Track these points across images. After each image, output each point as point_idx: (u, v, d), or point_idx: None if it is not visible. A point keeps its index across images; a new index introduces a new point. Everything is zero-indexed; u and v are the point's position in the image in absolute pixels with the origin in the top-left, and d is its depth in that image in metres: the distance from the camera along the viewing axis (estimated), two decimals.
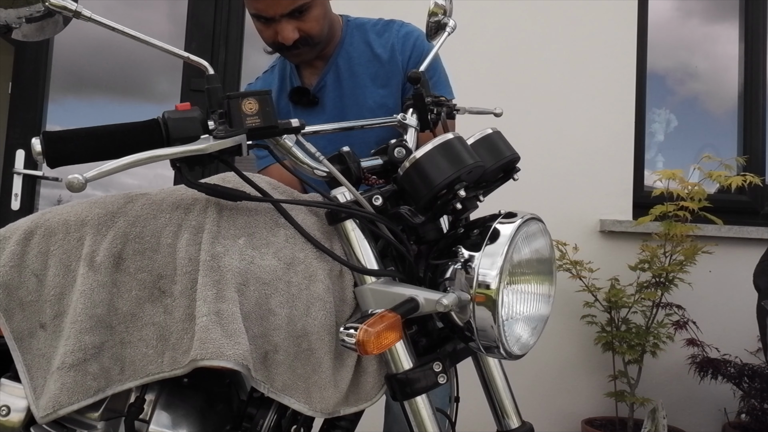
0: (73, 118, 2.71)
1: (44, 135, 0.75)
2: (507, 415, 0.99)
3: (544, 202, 2.58)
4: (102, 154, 0.77)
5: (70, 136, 0.76)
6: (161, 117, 0.79)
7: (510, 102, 2.64)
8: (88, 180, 0.70)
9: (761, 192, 2.93)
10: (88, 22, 0.81)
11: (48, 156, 0.75)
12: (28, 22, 0.88)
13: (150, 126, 0.78)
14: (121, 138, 0.77)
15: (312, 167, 0.90)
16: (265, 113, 0.83)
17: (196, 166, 0.81)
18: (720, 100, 3.12)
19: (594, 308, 2.49)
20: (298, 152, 0.89)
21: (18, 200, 2.49)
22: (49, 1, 0.79)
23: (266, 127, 0.83)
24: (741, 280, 2.38)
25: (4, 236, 0.93)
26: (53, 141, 0.75)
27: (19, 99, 2.55)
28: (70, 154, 0.76)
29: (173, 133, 0.78)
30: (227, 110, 0.81)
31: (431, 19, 1.18)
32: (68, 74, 2.67)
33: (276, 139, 0.88)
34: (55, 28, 0.92)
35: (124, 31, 0.82)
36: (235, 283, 0.83)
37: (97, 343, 0.85)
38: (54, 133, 0.76)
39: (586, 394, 2.65)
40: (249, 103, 0.82)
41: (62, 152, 0.76)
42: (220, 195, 0.86)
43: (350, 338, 0.77)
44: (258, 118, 0.82)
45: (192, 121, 0.79)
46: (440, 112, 1.11)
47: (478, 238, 0.84)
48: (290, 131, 0.87)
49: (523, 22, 2.72)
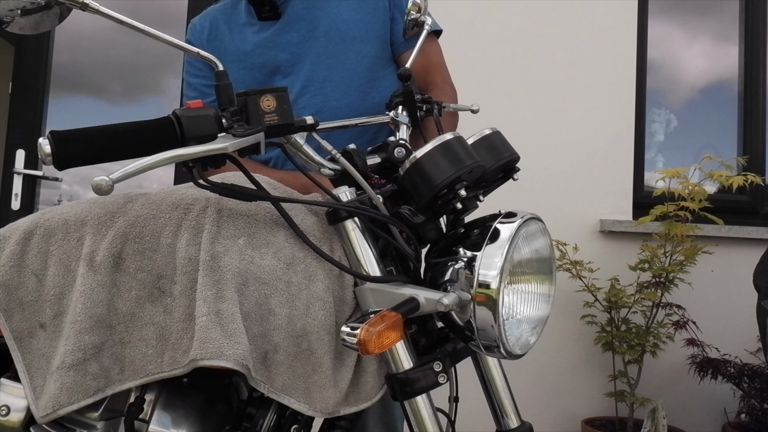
0: (73, 117, 2.71)
1: (53, 135, 0.72)
2: (506, 415, 0.99)
3: (544, 202, 2.58)
4: (113, 155, 0.73)
5: (79, 135, 0.73)
6: (173, 115, 0.76)
7: (510, 102, 2.65)
8: (115, 181, 0.68)
9: (761, 192, 2.93)
10: (95, 14, 0.79)
11: (58, 157, 0.72)
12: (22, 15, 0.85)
13: (162, 124, 0.75)
14: (132, 137, 0.74)
15: (321, 165, 0.90)
16: (282, 110, 0.81)
17: (209, 166, 0.78)
18: (720, 100, 3.12)
19: (594, 308, 2.49)
20: (308, 150, 0.89)
21: (18, 200, 2.49)
22: None
23: (284, 125, 0.82)
24: (741, 280, 2.38)
25: (4, 236, 0.93)
26: (62, 141, 0.72)
27: (19, 99, 2.55)
28: (80, 155, 0.73)
29: (188, 132, 0.75)
30: (245, 107, 0.80)
31: (408, 17, 1.18)
32: (68, 74, 2.67)
33: (287, 137, 0.87)
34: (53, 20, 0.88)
35: (132, 24, 0.80)
36: (235, 283, 0.83)
37: (97, 343, 0.85)
38: (63, 133, 0.72)
39: (586, 394, 2.65)
40: (267, 100, 0.81)
41: (72, 152, 0.72)
42: (235, 195, 0.84)
43: (351, 338, 0.77)
44: (276, 116, 0.81)
45: (207, 119, 0.76)
46: (430, 109, 1.11)
47: (478, 238, 0.84)
48: (306, 128, 0.86)
49: (523, 22, 2.72)
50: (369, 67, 1.37)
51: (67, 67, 2.65)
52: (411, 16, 1.17)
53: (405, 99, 1.08)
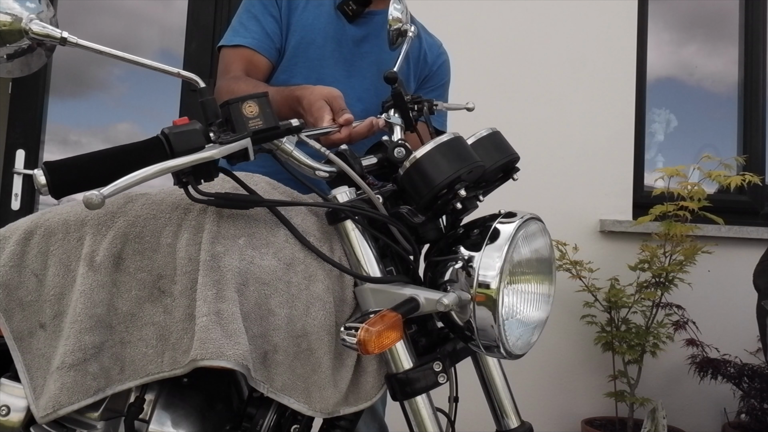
0: (73, 117, 2.71)
1: (46, 165, 0.73)
2: (506, 415, 0.99)
3: (544, 202, 2.57)
4: (108, 178, 0.74)
5: (72, 162, 0.74)
6: (161, 133, 0.77)
7: (510, 102, 2.65)
8: (105, 196, 0.69)
9: (761, 192, 2.93)
10: (75, 47, 0.80)
11: (54, 185, 0.73)
12: (9, 60, 0.85)
13: (152, 143, 0.77)
14: (124, 158, 0.76)
15: (314, 168, 0.90)
16: (266, 114, 0.83)
17: (202, 179, 0.80)
18: (720, 100, 3.12)
19: (594, 308, 2.49)
20: (299, 155, 0.89)
21: (18, 200, 2.48)
22: (31, 32, 0.78)
23: (269, 129, 0.83)
24: (741, 280, 2.38)
25: (4, 236, 0.93)
26: (56, 170, 0.73)
27: (19, 99, 2.54)
28: (75, 181, 0.74)
29: (177, 147, 0.77)
30: (228, 116, 0.81)
31: (392, 28, 1.19)
32: (68, 74, 2.67)
33: (276, 144, 0.87)
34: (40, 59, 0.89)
35: (113, 53, 0.81)
36: (235, 283, 0.83)
37: (97, 342, 0.85)
38: (55, 162, 0.74)
39: (586, 394, 2.65)
40: (249, 106, 0.82)
41: (66, 180, 0.74)
42: (231, 205, 0.85)
43: (351, 338, 0.77)
44: (260, 120, 0.82)
45: (194, 133, 0.78)
46: (421, 109, 1.11)
47: (478, 238, 0.84)
48: (291, 131, 0.87)
49: (523, 22, 2.72)
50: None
51: (67, 68, 2.65)
52: (394, 26, 1.18)
53: (395, 101, 1.08)
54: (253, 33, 1.33)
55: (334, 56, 1.36)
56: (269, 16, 1.34)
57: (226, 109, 0.82)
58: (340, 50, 1.36)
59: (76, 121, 2.73)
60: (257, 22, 1.33)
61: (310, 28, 1.35)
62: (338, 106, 1.02)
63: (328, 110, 1.01)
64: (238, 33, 1.34)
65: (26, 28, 0.78)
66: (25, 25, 0.78)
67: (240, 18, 1.36)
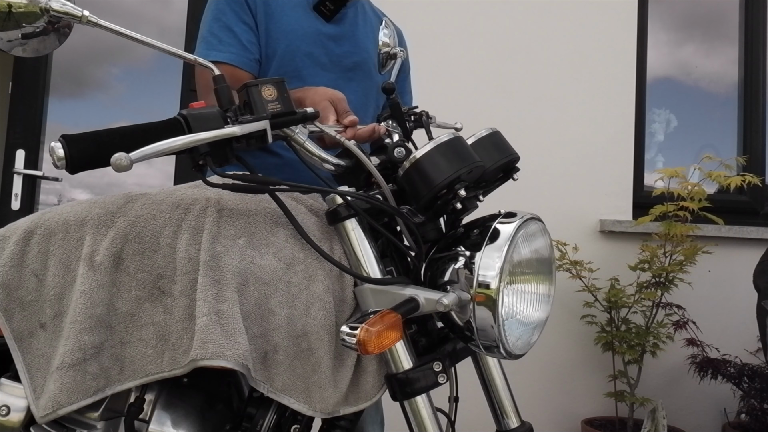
0: (73, 117, 2.71)
1: (65, 138, 0.73)
2: (506, 415, 0.99)
3: (544, 202, 2.58)
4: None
5: (90, 137, 0.74)
6: (179, 115, 0.78)
7: (510, 102, 2.65)
8: (133, 160, 0.69)
9: (761, 192, 2.93)
10: (94, 27, 0.79)
11: (72, 159, 0.72)
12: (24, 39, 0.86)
13: (171, 123, 0.77)
14: (142, 136, 0.75)
15: (323, 159, 0.90)
16: (284, 99, 0.84)
17: (218, 160, 0.80)
18: (720, 100, 3.12)
19: (594, 308, 2.49)
20: (310, 146, 0.89)
21: (18, 200, 2.48)
22: (52, 9, 0.78)
23: (287, 113, 0.84)
24: (741, 280, 2.38)
25: (4, 236, 0.93)
26: (75, 143, 0.73)
27: (19, 98, 2.54)
28: (93, 156, 0.73)
29: (195, 128, 0.77)
30: (248, 98, 0.82)
31: (381, 51, 1.19)
32: (68, 73, 2.67)
33: (289, 132, 0.88)
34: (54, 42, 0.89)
35: (131, 35, 0.81)
36: (235, 283, 0.83)
37: (97, 343, 0.85)
38: (74, 136, 0.73)
39: (586, 394, 2.65)
40: (268, 90, 0.83)
41: (85, 154, 0.73)
42: (247, 189, 0.84)
43: (351, 338, 0.77)
44: (278, 104, 0.83)
45: (212, 115, 0.79)
46: (418, 119, 1.11)
47: (478, 238, 0.84)
48: (308, 118, 0.88)
49: (523, 22, 2.72)
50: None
51: (67, 67, 2.65)
52: (383, 50, 1.19)
53: (393, 112, 1.08)
54: (229, 46, 1.27)
55: (320, 61, 1.36)
56: (242, 24, 1.28)
57: (245, 92, 0.82)
58: (326, 53, 1.36)
59: (76, 121, 2.73)
60: (231, 33, 1.27)
61: (294, 34, 1.32)
62: (342, 108, 1.02)
63: (333, 111, 1.01)
64: (213, 47, 1.27)
65: (46, 6, 0.78)
66: (45, 4, 0.78)
67: (210, 28, 1.29)
